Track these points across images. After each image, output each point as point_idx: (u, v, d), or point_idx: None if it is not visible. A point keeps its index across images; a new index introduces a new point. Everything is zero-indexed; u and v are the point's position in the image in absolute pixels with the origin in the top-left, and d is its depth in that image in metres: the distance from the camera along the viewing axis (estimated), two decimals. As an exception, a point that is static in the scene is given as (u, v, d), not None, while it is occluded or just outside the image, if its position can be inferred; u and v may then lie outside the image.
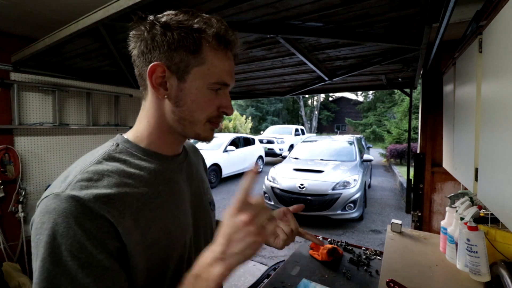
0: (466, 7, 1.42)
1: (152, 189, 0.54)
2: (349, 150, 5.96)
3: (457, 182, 1.83)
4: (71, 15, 1.40)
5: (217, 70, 0.54)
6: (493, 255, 1.04)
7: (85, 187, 0.45)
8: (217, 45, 0.53)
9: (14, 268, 1.94)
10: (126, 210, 0.48)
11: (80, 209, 0.43)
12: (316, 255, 1.50)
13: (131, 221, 0.48)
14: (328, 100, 28.05)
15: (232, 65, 0.57)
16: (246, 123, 17.24)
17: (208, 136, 0.59)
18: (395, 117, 13.67)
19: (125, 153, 0.55)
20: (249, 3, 1.06)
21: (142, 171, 0.54)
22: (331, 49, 1.65)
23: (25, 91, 2.11)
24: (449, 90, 1.48)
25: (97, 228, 0.43)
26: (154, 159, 0.58)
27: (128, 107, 2.90)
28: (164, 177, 0.58)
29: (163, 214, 0.54)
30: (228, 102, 0.58)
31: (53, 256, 0.41)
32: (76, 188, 0.45)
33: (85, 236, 0.42)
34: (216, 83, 0.54)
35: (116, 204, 0.46)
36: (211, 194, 0.77)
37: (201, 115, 0.55)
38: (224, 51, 0.54)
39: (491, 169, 0.77)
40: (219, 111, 0.57)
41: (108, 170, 0.50)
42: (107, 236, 0.44)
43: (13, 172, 2.02)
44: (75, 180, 0.46)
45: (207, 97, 0.55)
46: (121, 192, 0.48)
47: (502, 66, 0.69)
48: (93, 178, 0.47)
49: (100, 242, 0.43)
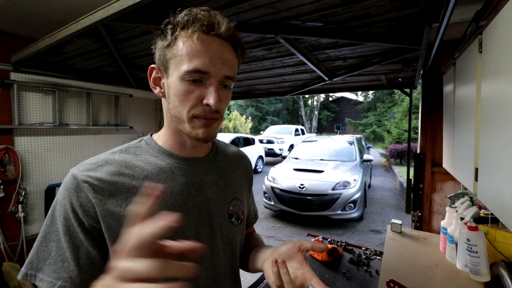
0: (466, 7, 1.42)
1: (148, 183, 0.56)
2: (349, 150, 5.96)
3: (457, 182, 1.83)
4: (71, 15, 1.40)
5: (188, 57, 0.50)
6: (493, 255, 1.04)
7: (87, 169, 0.53)
8: (189, 31, 0.51)
9: (14, 268, 1.94)
10: (111, 196, 0.52)
11: (74, 186, 0.51)
12: (316, 255, 1.50)
13: (112, 207, 0.52)
14: (328, 100, 28.05)
15: (211, 49, 0.51)
16: (246, 123, 17.23)
17: (198, 135, 0.54)
18: (395, 117, 13.67)
19: (142, 148, 0.61)
20: (249, 3, 1.06)
21: (147, 166, 0.58)
22: (331, 49, 1.65)
23: (25, 91, 2.10)
24: (449, 90, 1.48)
25: (79, 205, 0.51)
26: (165, 157, 0.60)
27: (128, 107, 2.90)
28: (167, 176, 0.58)
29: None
30: (211, 92, 0.52)
31: (51, 216, 0.52)
32: (80, 169, 0.53)
33: (70, 208, 0.51)
34: (189, 71, 0.50)
35: (103, 188, 0.52)
36: (240, 206, 0.70)
37: (183, 110, 0.53)
38: (198, 36, 0.50)
39: (491, 169, 0.77)
40: (204, 105, 0.53)
41: (114, 159, 0.56)
42: (85, 214, 0.51)
43: (13, 172, 2.02)
44: (85, 163, 0.55)
45: (184, 88, 0.52)
46: (113, 180, 0.53)
47: (502, 66, 0.69)
48: (97, 164, 0.55)
49: (78, 218, 0.51)
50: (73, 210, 0.51)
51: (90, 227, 0.51)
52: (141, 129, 3.05)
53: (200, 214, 0.61)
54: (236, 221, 0.68)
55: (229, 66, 0.54)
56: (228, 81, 0.55)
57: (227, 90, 0.57)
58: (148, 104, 3.14)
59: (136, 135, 2.99)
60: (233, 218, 0.67)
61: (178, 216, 0.30)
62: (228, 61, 0.54)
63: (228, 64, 0.54)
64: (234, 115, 17.08)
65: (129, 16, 1.11)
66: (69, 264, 0.49)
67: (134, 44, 1.60)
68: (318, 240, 1.63)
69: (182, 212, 0.57)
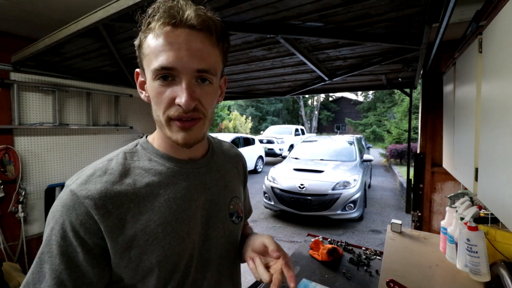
0: (466, 7, 1.42)
1: (151, 191, 0.53)
2: (349, 150, 5.96)
3: (457, 182, 1.83)
4: (71, 15, 1.40)
5: (154, 53, 0.47)
6: (493, 255, 1.04)
7: (85, 182, 0.49)
8: (154, 26, 0.47)
9: (14, 268, 1.94)
10: (114, 209, 0.49)
11: (72, 203, 0.47)
12: (316, 255, 1.50)
13: (117, 221, 0.49)
14: (328, 100, 28.04)
15: (177, 42, 0.46)
16: (246, 123, 17.23)
17: (178, 140, 0.51)
18: (395, 117, 13.67)
19: (139, 153, 0.57)
20: (249, 3, 1.06)
21: (147, 172, 0.55)
22: (331, 49, 1.65)
23: (25, 91, 2.10)
24: (449, 90, 1.48)
25: (80, 223, 0.47)
26: (164, 161, 0.57)
27: (128, 107, 2.90)
28: (169, 181, 0.56)
29: (156, 219, 0.52)
30: (181, 90, 0.47)
31: (47, 236, 0.48)
32: (78, 183, 0.49)
33: (69, 227, 0.47)
34: (155, 70, 0.47)
35: (106, 203, 0.48)
36: (239, 205, 0.70)
37: (159, 113, 0.50)
38: (162, 30, 0.46)
39: (491, 169, 0.77)
40: (176, 105, 0.48)
41: (112, 168, 0.53)
42: (87, 232, 0.47)
43: (13, 172, 2.02)
44: (82, 176, 0.50)
45: (156, 89, 0.49)
46: (114, 191, 0.50)
47: (502, 66, 0.69)
48: (95, 174, 0.51)
49: (79, 236, 0.47)
50: (72, 228, 0.47)
51: (93, 244, 0.48)
52: (141, 129, 3.04)
53: (203, 216, 0.60)
54: (237, 219, 0.67)
55: (202, 57, 0.48)
56: (205, 74, 0.49)
57: (207, 85, 0.51)
58: (148, 104, 3.05)
59: (136, 135, 2.98)
60: (234, 217, 0.66)
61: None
62: (199, 52, 0.48)
63: (200, 55, 0.48)
64: (234, 115, 17.08)
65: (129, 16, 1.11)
66: (66, 287, 0.46)
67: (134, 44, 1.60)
68: (318, 240, 1.63)
69: (186, 217, 0.56)
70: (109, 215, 0.48)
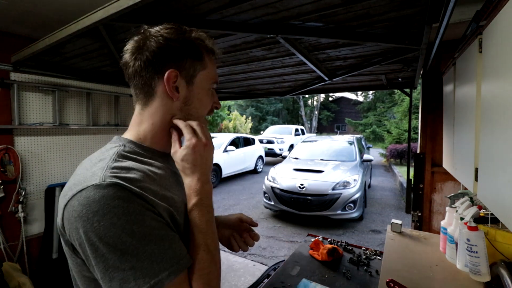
0: (466, 7, 1.42)
1: (166, 181, 0.59)
2: (349, 150, 5.96)
3: (457, 182, 1.84)
4: (71, 15, 1.40)
5: (213, 72, 0.67)
6: (493, 255, 1.04)
7: (122, 178, 0.48)
8: (210, 52, 0.66)
9: (14, 268, 1.94)
10: (156, 196, 0.51)
11: (126, 193, 0.46)
12: (316, 255, 1.50)
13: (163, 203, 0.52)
14: (328, 100, 28.05)
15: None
16: (246, 123, 17.23)
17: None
18: (395, 117, 13.67)
19: (133, 152, 0.58)
20: (249, 3, 1.06)
21: (153, 167, 0.58)
22: (331, 49, 1.65)
23: (25, 91, 2.10)
24: (449, 90, 1.48)
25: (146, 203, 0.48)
26: (158, 156, 0.62)
27: (128, 107, 2.90)
28: (170, 171, 0.63)
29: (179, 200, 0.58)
30: (217, 98, 0.71)
31: (126, 231, 0.44)
32: (114, 178, 0.47)
33: (141, 209, 0.47)
34: (214, 83, 0.67)
35: (148, 192, 0.50)
36: None
37: (204, 111, 0.67)
38: (213, 57, 0.67)
39: (491, 169, 0.77)
40: (213, 106, 0.69)
41: (129, 166, 0.52)
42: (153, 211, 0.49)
43: (13, 172, 2.02)
44: (108, 174, 0.48)
45: (208, 95, 0.66)
46: (147, 183, 0.52)
47: (502, 66, 0.69)
48: (122, 172, 0.50)
49: (153, 212, 0.48)
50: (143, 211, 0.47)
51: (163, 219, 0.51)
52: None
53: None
54: None
55: None
56: None
57: None
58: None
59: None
60: None
61: None
62: None
63: None
64: (234, 115, 17.08)
65: (129, 16, 1.11)
66: (178, 241, 0.51)
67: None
68: (318, 240, 1.63)
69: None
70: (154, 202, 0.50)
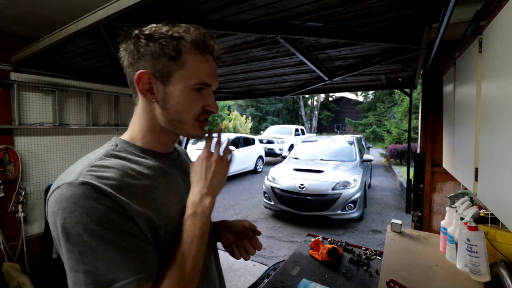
0: (466, 7, 1.42)
1: (153, 181, 0.58)
2: (349, 150, 5.96)
3: (457, 182, 1.83)
4: (71, 15, 1.39)
5: (197, 72, 0.59)
6: (493, 255, 1.04)
7: (96, 177, 0.49)
8: (195, 49, 0.58)
9: (14, 268, 1.94)
10: (132, 198, 0.51)
11: (95, 193, 0.46)
12: (316, 255, 1.50)
13: (138, 206, 0.51)
14: (328, 100, 28.04)
15: (212, 66, 0.62)
16: (246, 123, 17.22)
17: (199, 134, 0.64)
18: (395, 117, 13.67)
19: (124, 151, 0.59)
20: (249, 3, 1.06)
21: (141, 166, 0.58)
22: (331, 49, 1.65)
23: (25, 91, 2.10)
24: (449, 90, 1.48)
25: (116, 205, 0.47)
26: (151, 156, 0.62)
27: (128, 107, 2.90)
28: (162, 171, 0.62)
29: (166, 202, 0.58)
30: (212, 101, 0.63)
31: (88, 231, 0.44)
32: (87, 177, 0.48)
33: (109, 211, 0.46)
34: (197, 83, 0.59)
35: (123, 192, 0.50)
36: None
37: (188, 115, 0.60)
38: (202, 55, 0.59)
39: (491, 169, 0.77)
40: (205, 110, 0.62)
41: (111, 165, 0.53)
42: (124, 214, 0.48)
43: (13, 172, 2.02)
44: (84, 172, 0.49)
45: (191, 97, 0.59)
46: (125, 183, 0.52)
47: (502, 66, 0.69)
48: (99, 171, 0.51)
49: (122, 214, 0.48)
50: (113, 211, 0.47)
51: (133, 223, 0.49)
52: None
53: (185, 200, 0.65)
54: None
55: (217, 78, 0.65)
56: None
57: None
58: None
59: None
60: None
61: None
62: (217, 75, 0.64)
63: (217, 77, 0.64)
64: (234, 115, 17.08)
65: (129, 16, 1.11)
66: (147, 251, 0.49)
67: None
68: (318, 240, 1.63)
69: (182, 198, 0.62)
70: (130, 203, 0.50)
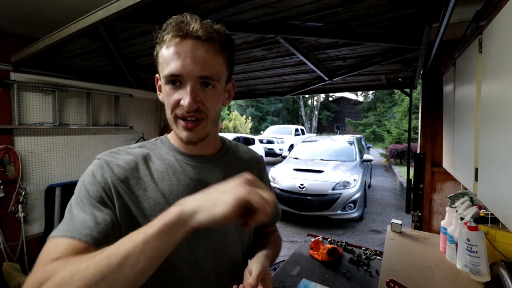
0: (466, 7, 1.42)
1: (157, 175, 0.60)
2: (349, 150, 5.95)
3: (457, 182, 1.83)
4: (71, 15, 1.40)
5: (165, 61, 0.54)
6: (493, 255, 1.04)
7: (108, 155, 0.60)
8: (165, 39, 0.54)
9: (14, 268, 1.94)
10: (125, 181, 0.57)
11: (99, 164, 0.57)
12: (316, 255, 1.50)
13: (123, 191, 0.56)
14: (328, 100, 28.03)
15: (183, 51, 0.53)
16: (246, 123, 17.22)
17: (182, 137, 0.58)
18: (395, 117, 13.66)
19: (157, 145, 0.66)
20: (249, 3, 1.06)
21: (159, 160, 0.63)
22: (331, 49, 1.65)
23: (25, 91, 2.10)
24: (449, 90, 1.48)
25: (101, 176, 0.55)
26: (175, 153, 0.65)
27: (128, 107, 2.90)
28: (175, 170, 0.62)
29: (156, 198, 0.58)
30: (185, 93, 0.54)
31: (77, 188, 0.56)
32: (103, 154, 0.60)
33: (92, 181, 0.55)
34: (166, 76, 0.54)
35: (120, 172, 0.57)
36: None
37: (168, 112, 0.58)
38: (172, 43, 0.53)
39: (491, 169, 0.77)
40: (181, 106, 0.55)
41: (133, 152, 0.62)
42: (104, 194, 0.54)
43: (13, 172, 2.02)
44: (108, 151, 0.61)
45: (166, 92, 0.57)
46: (128, 167, 0.58)
47: (502, 66, 0.69)
48: (116, 152, 0.61)
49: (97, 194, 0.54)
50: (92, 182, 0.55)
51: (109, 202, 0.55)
52: (141, 129, 3.04)
53: None
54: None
55: (205, 65, 0.54)
56: (208, 80, 0.56)
57: (210, 89, 0.57)
58: (148, 104, 3.14)
59: (136, 135, 2.99)
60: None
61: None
62: (203, 60, 0.54)
63: (204, 63, 0.54)
64: (234, 115, 17.08)
65: (129, 16, 1.11)
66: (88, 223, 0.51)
67: (134, 44, 1.60)
68: (318, 240, 1.63)
69: None
70: (120, 184, 0.56)
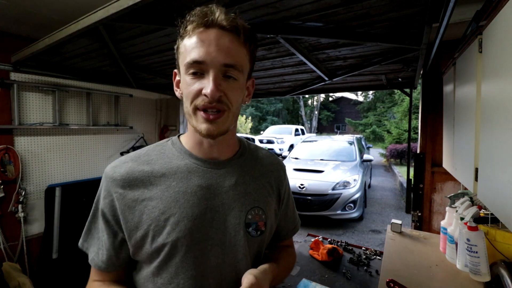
0: (466, 7, 1.42)
1: (164, 181, 0.59)
2: (349, 150, 5.95)
3: (457, 182, 1.83)
4: (71, 15, 1.40)
5: (187, 50, 0.53)
6: (493, 255, 1.04)
7: (115, 165, 0.60)
8: (188, 30, 0.54)
9: (14, 268, 1.94)
10: (129, 188, 0.57)
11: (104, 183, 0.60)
12: (316, 255, 1.50)
13: (130, 201, 0.57)
14: (328, 100, 28.03)
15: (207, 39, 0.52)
16: (246, 123, 17.22)
17: (201, 130, 0.55)
18: (395, 117, 13.65)
19: (167, 147, 0.64)
20: (249, 3, 1.06)
21: (167, 164, 0.60)
22: (331, 49, 1.65)
23: (25, 91, 2.10)
24: (449, 90, 1.48)
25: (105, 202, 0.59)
26: (185, 157, 0.62)
27: (128, 107, 2.90)
28: (183, 176, 0.59)
29: (162, 207, 0.57)
30: (208, 81, 0.52)
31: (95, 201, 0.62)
32: (111, 165, 0.60)
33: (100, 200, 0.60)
34: (188, 64, 0.53)
35: (123, 182, 0.57)
36: (262, 216, 0.64)
37: (188, 104, 0.55)
38: (196, 32, 0.53)
39: (491, 169, 0.77)
40: (203, 95, 0.53)
41: (139, 158, 0.61)
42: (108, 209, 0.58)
43: (13, 172, 2.02)
44: (117, 160, 0.61)
45: (187, 82, 0.55)
46: (132, 175, 0.58)
47: (502, 66, 0.69)
48: (122, 161, 0.61)
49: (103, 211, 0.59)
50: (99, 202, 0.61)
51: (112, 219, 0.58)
52: (141, 129, 3.04)
53: (214, 219, 0.58)
54: (254, 232, 0.62)
55: (229, 53, 0.53)
56: (231, 70, 0.54)
57: (232, 80, 0.55)
58: (148, 104, 3.14)
59: (136, 135, 2.99)
60: (250, 228, 0.61)
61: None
62: (227, 49, 0.53)
63: (228, 51, 0.53)
64: (234, 115, 17.04)
65: (129, 16, 1.10)
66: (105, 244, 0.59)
67: (134, 44, 1.60)
68: (318, 240, 1.63)
69: (192, 214, 0.56)
70: (125, 195, 0.57)
